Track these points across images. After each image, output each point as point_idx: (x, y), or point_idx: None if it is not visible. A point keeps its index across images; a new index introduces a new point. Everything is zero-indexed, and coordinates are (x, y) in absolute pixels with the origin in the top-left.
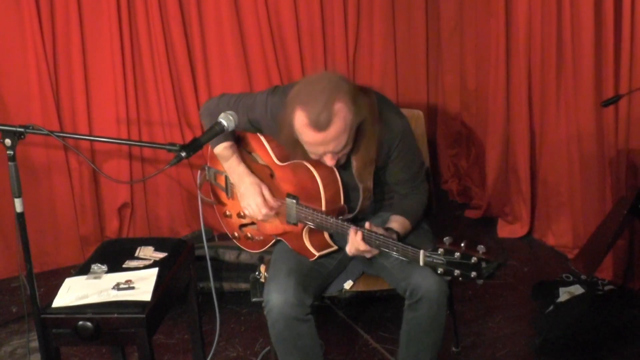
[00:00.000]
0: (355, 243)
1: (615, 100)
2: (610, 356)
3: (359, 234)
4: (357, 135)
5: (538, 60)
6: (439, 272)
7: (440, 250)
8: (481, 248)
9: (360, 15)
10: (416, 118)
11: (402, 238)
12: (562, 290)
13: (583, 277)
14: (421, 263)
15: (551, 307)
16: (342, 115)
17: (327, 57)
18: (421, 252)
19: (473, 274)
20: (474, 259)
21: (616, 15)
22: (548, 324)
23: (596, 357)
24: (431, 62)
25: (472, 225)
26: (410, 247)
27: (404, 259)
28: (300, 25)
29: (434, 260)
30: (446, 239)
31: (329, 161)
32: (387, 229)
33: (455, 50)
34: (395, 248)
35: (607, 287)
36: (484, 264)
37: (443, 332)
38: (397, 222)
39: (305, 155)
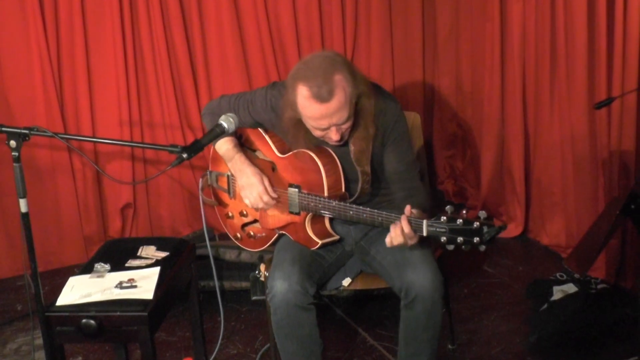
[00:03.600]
0: (401, 228)
1: (608, 102)
2: (603, 353)
3: (403, 217)
4: (356, 112)
5: (532, 63)
6: (442, 240)
7: (443, 218)
8: (482, 214)
9: (358, 20)
10: (413, 120)
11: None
12: (555, 288)
13: (576, 276)
14: (424, 233)
15: (545, 305)
16: (342, 85)
17: None
18: (424, 221)
19: (476, 239)
20: (476, 224)
21: (609, 18)
22: (542, 322)
23: (589, 354)
24: (427, 65)
25: None
26: (412, 218)
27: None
28: (299, 29)
29: (437, 229)
30: (448, 208)
31: (334, 136)
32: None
33: (451, 54)
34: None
35: (599, 286)
36: (485, 229)
37: (440, 329)
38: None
39: (308, 141)
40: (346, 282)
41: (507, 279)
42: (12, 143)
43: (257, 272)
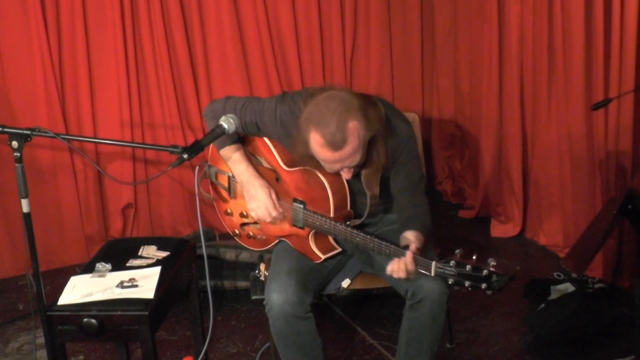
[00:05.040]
0: (405, 265)
1: (604, 103)
2: (600, 352)
3: (409, 254)
4: (369, 146)
5: (530, 64)
6: (449, 282)
7: (452, 262)
8: (491, 261)
9: (357, 21)
10: (412, 121)
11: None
12: (553, 288)
13: (574, 275)
14: (432, 274)
15: (543, 305)
16: (356, 133)
17: (324, 62)
18: (433, 263)
19: (483, 285)
20: (485, 272)
21: (606, 20)
22: (540, 321)
23: (586, 352)
24: (426, 67)
25: (465, 225)
26: (421, 257)
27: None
28: (298, 30)
29: (446, 272)
30: (458, 252)
31: (346, 175)
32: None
33: (450, 55)
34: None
35: (597, 285)
36: (494, 277)
37: (442, 332)
38: (412, 238)
39: (319, 167)
40: (345, 283)
41: None
42: (14, 144)
43: (257, 271)
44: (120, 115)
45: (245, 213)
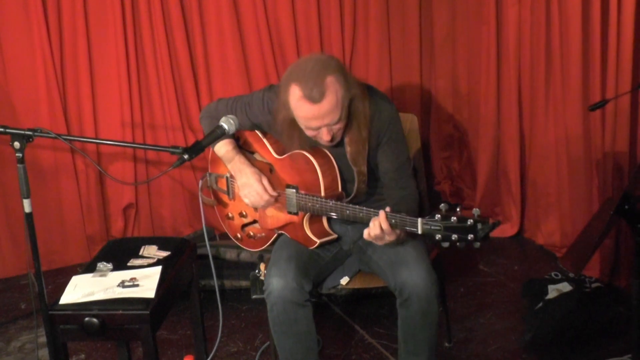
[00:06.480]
0: (379, 223)
1: (602, 104)
2: (597, 351)
3: (382, 213)
4: (349, 114)
5: (528, 66)
6: (437, 238)
7: (437, 216)
8: (476, 211)
9: (356, 23)
10: (410, 121)
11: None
12: (550, 287)
13: (571, 275)
14: (419, 231)
15: (540, 304)
16: (333, 88)
17: None
18: (419, 219)
19: (470, 236)
20: (470, 221)
21: (603, 22)
22: (537, 320)
23: (583, 351)
24: (425, 68)
25: None
26: (408, 216)
27: (403, 229)
28: (298, 32)
29: (432, 227)
30: (442, 206)
31: (325, 136)
32: None
33: (448, 57)
34: (393, 220)
35: (594, 285)
36: (479, 226)
37: (437, 328)
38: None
39: (303, 142)
40: (344, 280)
41: (502, 278)
42: (16, 144)
43: (257, 271)
44: (122, 116)
45: (244, 213)
